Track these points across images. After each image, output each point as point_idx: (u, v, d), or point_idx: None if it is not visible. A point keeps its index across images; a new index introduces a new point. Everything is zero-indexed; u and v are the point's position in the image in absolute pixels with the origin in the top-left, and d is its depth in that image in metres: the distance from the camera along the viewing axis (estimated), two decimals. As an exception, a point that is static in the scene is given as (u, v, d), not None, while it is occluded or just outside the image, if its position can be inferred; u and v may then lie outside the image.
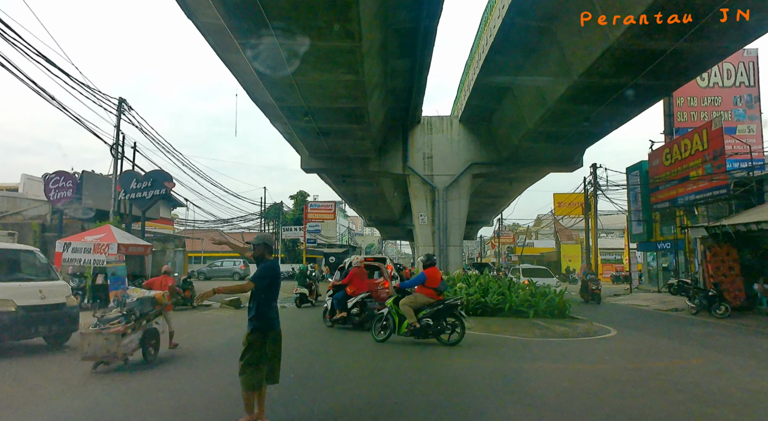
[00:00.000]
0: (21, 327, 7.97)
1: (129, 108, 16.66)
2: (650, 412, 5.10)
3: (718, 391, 6.03)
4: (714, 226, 15.10)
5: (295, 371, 7.34)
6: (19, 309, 7.90)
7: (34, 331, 8.21)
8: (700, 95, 23.17)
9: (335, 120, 17.47)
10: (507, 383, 6.37)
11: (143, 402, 5.54)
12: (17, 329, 7.94)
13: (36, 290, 8.40)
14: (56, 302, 8.58)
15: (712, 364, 7.67)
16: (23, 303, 8.01)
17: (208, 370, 7.28)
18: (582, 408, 5.28)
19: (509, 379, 6.53)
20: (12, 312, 7.81)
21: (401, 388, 6.15)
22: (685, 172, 18.99)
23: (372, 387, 6.24)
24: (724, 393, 5.95)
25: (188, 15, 13.98)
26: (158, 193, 17.23)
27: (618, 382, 6.33)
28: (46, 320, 8.35)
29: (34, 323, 8.15)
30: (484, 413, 5.04)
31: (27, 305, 8.07)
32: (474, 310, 12.87)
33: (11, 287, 8.20)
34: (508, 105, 19.51)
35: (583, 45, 12.87)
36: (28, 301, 8.11)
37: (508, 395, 5.75)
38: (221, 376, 6.67)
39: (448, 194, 22.70)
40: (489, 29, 16.08)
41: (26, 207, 19.38)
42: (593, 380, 6.49)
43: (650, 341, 9.90)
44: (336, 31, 11.23)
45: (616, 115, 17.02)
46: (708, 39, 11.26)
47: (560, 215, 36.52)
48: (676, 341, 10.08)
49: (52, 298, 8.53)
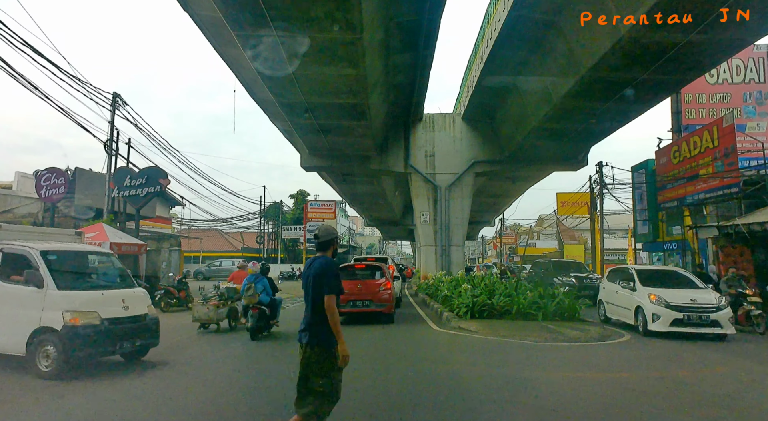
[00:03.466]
0: (106, 343, 6.99)
1: (124, 103, 16.22)
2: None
3: (757, 405, 5.57)
4: (727, 225, 14.66)
5: (295, 371, 7.11)
6: (104, 322, 6.93)
7: (118, 347, 7.18)
8: (709, 92, 22.73)
9: (336, 117, 17.12)
10: (521, 394, 5.91)
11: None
12: (102, 345, 6.95)
13: (119, 299, 7.43)
14: (139, 313, 7.55)
15: (742, 372, 7.23)
16: (107, 315, 7.03)
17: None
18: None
19: (522, 390, 6.07)
20: (97, 325, 6.84)
21: (406, 400, 5.71)
22: (694, 170, 18.56)
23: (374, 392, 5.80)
24: (762, 407, 5.50)
25: (184, 7, 13.58)
26: (153, 191, 16.82)
27: (645, 394, 5.84)
28: (130, 334, 7.30)
29: (119, 338, 7.12)
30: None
31: (111, 317, 7.07)
32: (480, 312, 12.43)
33: (94, 296, 7.26)
34: (512, 102, 19.14)
35: (591, 38, 12.46)
36: (111, 312, 7.12)
37: (521, 409, 5.29)
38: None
39: (451, 193, 22.37)
40: (494, 23, 15.70)
41: (18, 205, 18.97)
42: (617, 392, 6.02)
43: (667, 346, 9.44)
44: (337, 22, 10.84)
45: (624, 112, 16.65)
46: (724, 29, 10.85)
47: (563, 214, 36.15)
48: (694, 345, 9.61)
49: (134, 308, 7.50)
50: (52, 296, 6.79)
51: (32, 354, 6.65)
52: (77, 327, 6.63)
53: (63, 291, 6.90)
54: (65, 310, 6.68)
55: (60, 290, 6.87)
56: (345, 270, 13.70)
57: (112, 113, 16.12)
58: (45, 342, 6.63)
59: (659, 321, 10.29)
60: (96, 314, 6.88)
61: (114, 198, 17.59)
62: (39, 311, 6.73)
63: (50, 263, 7.07)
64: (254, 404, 5.55)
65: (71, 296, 6.94)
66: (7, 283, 7.11)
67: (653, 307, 10.50)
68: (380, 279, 12.93)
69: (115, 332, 7.05)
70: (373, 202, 40.98)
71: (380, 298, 12.33)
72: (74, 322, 6.64)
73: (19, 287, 6.99)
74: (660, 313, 10.32)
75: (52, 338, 6.61)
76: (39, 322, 6.69)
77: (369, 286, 12.55)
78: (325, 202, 45.14)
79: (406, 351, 8.99)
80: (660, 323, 10.27)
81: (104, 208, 17.64)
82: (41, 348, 6.64)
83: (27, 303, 6.86)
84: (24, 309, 6.88)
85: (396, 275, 17.23)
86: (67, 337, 6.56)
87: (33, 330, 6.68)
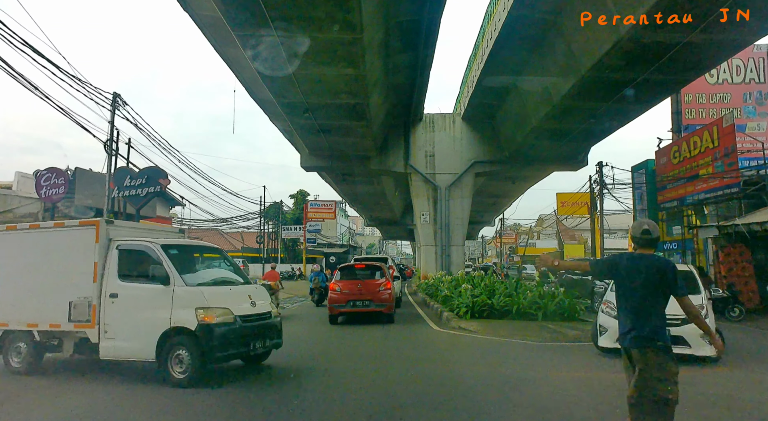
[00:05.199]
0: (240, 343, 6.35)
1: (124, 103, 16.21)
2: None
3: (755, 404, 5.57)
4: (727, 225, 14.65)
5: (295, 371, 7.32)
6: (237, 319, 6.31)
7: (252, 347, 6.53)
8: (709, 92, 22.70)
9: (336, 117, 17.11)
10: (521, 394, 5.90)
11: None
12: (238, 346, 6.33)
13: (245, 295, 6.85)
14: (266, 311, 6.94)
15: (740, 372, 7.22)
16: (239, 312, 6.41)
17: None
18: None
19: (522, 390, 6.07)
20: (231, 324, 6.21)
21: (406, 400, 5.70)
22: (694, 170, 18.54)
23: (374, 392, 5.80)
24: (762, 408, 5.49)
25: (184, 7, 13.58)
26: (153, 191, 16.79)
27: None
28: (261, 334, 6.69)
29: (251, 338, 6.51)
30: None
31: (242, 314, 6.45)
32: (480, 312, 12.42)
33: (222, 292, 6.68)
34: (512, 102, 19.13)
35: (591, 38, 12.46)
36: (242, 309, 6.51)
37: (521, 409, 5.28)
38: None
39: (451, 193, 22.37)
40: (494, 23, 15.69)
41: (18, 205, 18.95)
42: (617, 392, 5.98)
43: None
44: (336, 22, 10.85)
45: (624, 112, 16.65)
46: (724, 29, 10.85)
47: (563, 214, 36.14)
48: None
49: (261, 305, 6.90)
50: (181, 292, 6.21)
51: (163, 359, 6.09)
52: (212, 326, 6.02)
53: (191, 287, 6.30)
54: (197, 307, 6.08)
55: (188, 286, 6.28)
56: (345, 270, 13.71)
57: (112, 113, 16.10)
58: (177, 345, 6.07)
59: (606, 335, 7.96)
60: (229, 311, 6.27)
61: (114, 198, 17.56)
62: (168, 310, 6.16)
63: (172, 258, 6.50)
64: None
65: (201, 292, 6.32)
66: (128, 282, 6.57)
67: (602, 317, 8.28)
68: (380, 279, 12.93)
69: (248, 330, 6.44)
70: (373, 202, 40.96)
71: (380, 298, 12.33)
72: (208, 320, 6.03)
73: (142, 286, 6.49)
74: (607, 325, 7.94)
75: (186, 340, 6.04)
76: (169, 322, 6.11)
77: (369, 286, 12.56)
78: (325, 202, 45.12)
79: (406, 351, 8.99)
80: (607, 338, 7.93)
81: (104, 208, 17.61)
82: (174, 352, 6.07)
83: (154, 303, 6.29)
84: (151, 309, 6.31)
85: (396, 275, 17.25)
86: (203, 337, 5.96)
87: (163, 332, 6.12)
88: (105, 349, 6.48)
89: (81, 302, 6.61)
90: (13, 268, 7.34)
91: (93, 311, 6.52)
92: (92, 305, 6.54)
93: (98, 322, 6.51)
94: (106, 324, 6.49)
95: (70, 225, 7.44)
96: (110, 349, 6.47)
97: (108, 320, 6.50)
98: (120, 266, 6.62)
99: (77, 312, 6.63)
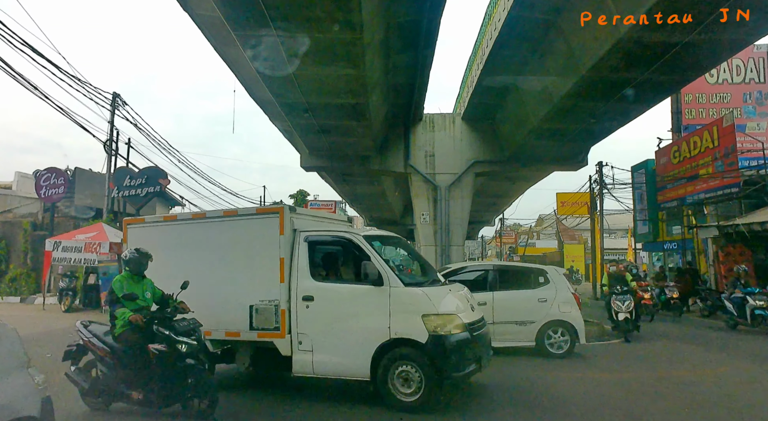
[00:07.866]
0: (473, 358, 5.26)
1: (124, 103, 16.22)
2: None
3: (756, 404, 5.57)
4: (727, 225, 14.65)
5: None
6: (467, 328, 5.25)
7: (482, 363, 5.45)
8: (709, 92, 22.70)
9: (335, 117, 17.11)
10: (521, 394, 5.90)
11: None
12: (471, 361, 5.22)
13: (464, 297, 5.80)
14: (482, 317, 5.84)
15: (741, 373, 7.22)
16: (466, 319, 5.35)
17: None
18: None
19: (523, 390, 6.06)
20: (463, 335, 5.17)
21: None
22: (694, 170, 18.55)
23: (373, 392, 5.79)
24: (761, 407, 5.49)
25: (184, 7, 13.57)
26: (153, 191, 16.84)
27: (645, 394, 5.86)
28: (487, 345, 5.67)
29: (480, 350, 5.45)
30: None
31: (469, 321, 5.37)
32: (479, 312, 12.36)
33: (444, 293, 5.56)
34: (512, 102, 19.13)
35: (591, 38, 12.46)
36: (467, 316, 5.44)
37: (521, 409, 5.28)
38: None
39: (451, 193, 22.34)
40: (493, 23, 15.69)
41: (17, 205, 18.96)
42: (617, 392, 6.02)
43: (667, 346, 9.44)
44: (336, 22, 10.85)
45: (624, 112, 16.64)
46: (724, 29, 10.85)
47: (563, 214, 36.14)
48: (694, 346, 9.62)
49: (478, 311, 5.90)
50: (401, 295, 5.16)
51: (382, 378, 5.09)
52: (445, 337, 4.97)
53: (411, 288, 5.28)
54: (424, 314, 5.04)
55: (407, 286, 5.23)
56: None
57: (112, 113, 16.12)
58: (401, 360, 5.06)
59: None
60: (458, 319, 5.18)
61: (114, 198, 17.59)
62: (385, 317, 5.13)
63: (380, 253, 5.48)
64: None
65: (425, 294, 5.27)
66: (324, 282, 5.54)
67: None
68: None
69: (477, 341, 5.34)
70: (373, 202, 40.94)
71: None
72: (440, 330, 5.00)
73: (345, 287, 5.54)
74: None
75: (414, 355, 5.03)
76: (388, 333, 5.10)
77: None
78: (325, 202, 45.16)
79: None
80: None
81: (104, 208, 17.63)
82: (396, 369, 5.08)
83: (364, 308, 5.28)
84: (362, 316, 5.29)
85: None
86: (435, 351, 4.93)
87: (381, 344, 5.12)
88: (299, 363, 5.42)
89: (266, 306, 5.52)
90: (177, 267, 5.92)
91: (282, 317, 5.47)
92: (281, 310, 5.48)
93: (289, 330, 5.47)
94: (300, 334, 5.42)
95: (244, 213, 6.15)
96: (306, 364, 5.40)
97: (302, 328, 5.43)
98: (312, 263, 5.54)
99: (261, 318, 5.53)
